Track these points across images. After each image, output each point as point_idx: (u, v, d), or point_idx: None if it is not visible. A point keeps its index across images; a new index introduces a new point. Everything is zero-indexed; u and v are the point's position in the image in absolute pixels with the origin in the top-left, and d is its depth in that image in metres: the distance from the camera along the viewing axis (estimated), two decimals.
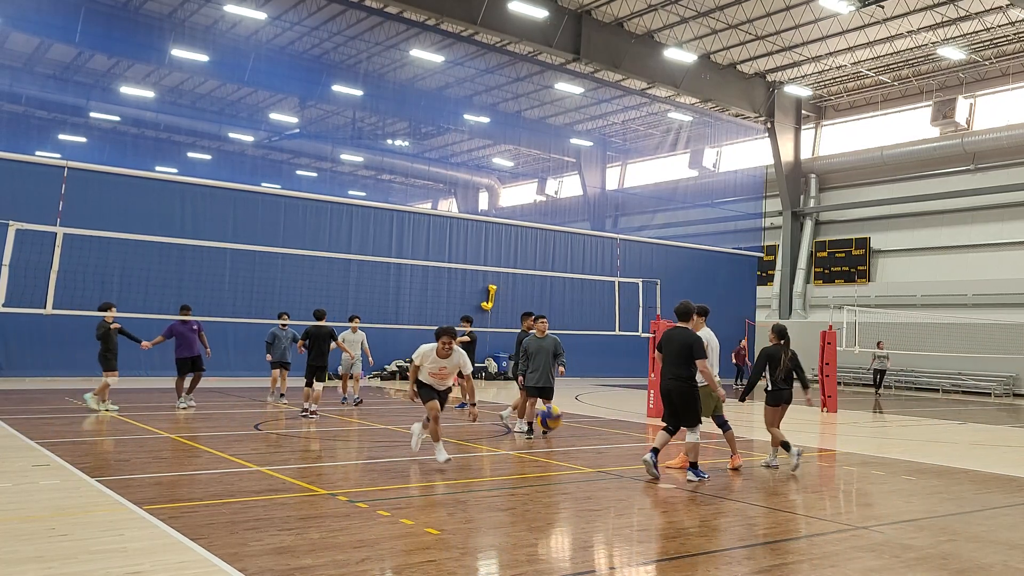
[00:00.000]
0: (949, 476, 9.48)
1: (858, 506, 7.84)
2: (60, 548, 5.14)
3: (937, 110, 29.54)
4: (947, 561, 5.63)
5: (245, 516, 6.18)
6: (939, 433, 14.72)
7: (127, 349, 19.90)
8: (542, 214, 42.20)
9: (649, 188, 39.64)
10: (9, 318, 16.22)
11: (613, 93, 33.94)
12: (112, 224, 16.54)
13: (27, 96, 31.71)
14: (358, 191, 41.29)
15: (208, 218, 20.75)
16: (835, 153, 33.90)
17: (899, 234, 31.39)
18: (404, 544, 5.57)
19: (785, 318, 33.44)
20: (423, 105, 34.86)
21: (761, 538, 6.21)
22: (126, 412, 12.90)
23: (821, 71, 31.21)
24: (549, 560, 5.46)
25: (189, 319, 14.07)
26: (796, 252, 33.97)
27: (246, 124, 37.29)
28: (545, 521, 6.57)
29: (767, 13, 26.48)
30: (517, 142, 40.06)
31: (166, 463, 8.58)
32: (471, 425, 12.58)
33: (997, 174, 28.68)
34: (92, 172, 19.10)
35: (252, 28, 29.27)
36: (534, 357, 11.64)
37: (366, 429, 12.14)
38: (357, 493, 7.34)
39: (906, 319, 26.32)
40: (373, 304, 21.84)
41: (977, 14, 25.16)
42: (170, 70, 32.28)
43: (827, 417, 17.34)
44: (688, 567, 5.36)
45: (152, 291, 18.81)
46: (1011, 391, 26.68)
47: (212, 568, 4.89)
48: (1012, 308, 26.75)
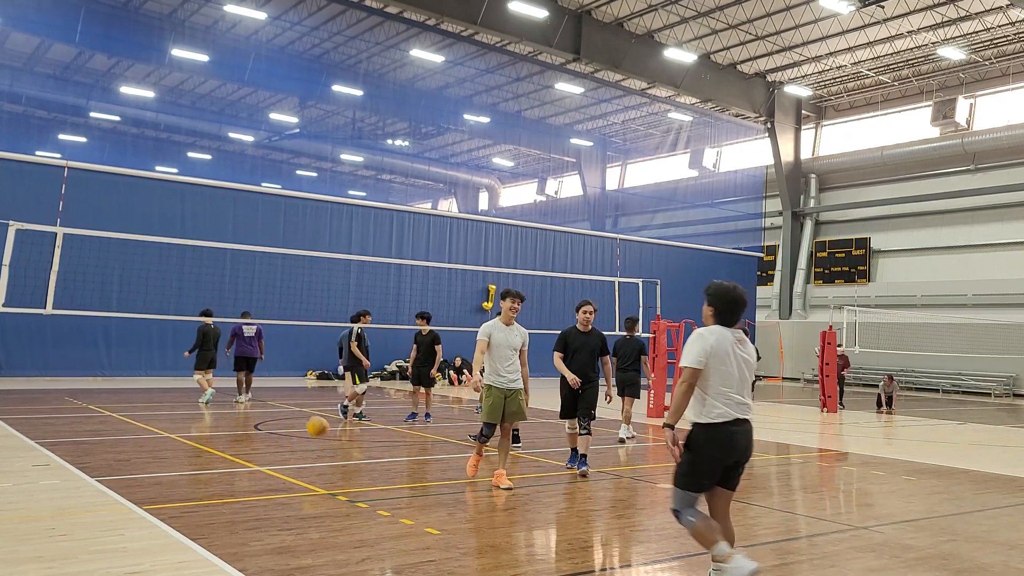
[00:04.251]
0: (949, 476, 9.48)
1: (858, 506, 7.84)
2: (60, 548, 5.14)
3: (937, 110, 29.54)
4: (947, 561, 5.63)
5: (245, 516, 6.18)
6: (939, 433, 14.73)
7: (128, 349, 20.00)
8: (542, 214, 42.18)
9: (649, 188, 39.64)
10: (9, 318, 16.23)
11: (613, 93, 33.94)
12: (112, 224, 16.55)
13: (27, 96, 31.70)
14: (358, 191, 41.29)
15: (208, 218, 20.74)
16: (835, 153, 33.90)
17: (899, 234, 31.39)
18: (404, 544, 5.57)
19: (785, 318, 33.47)
20: (423, 105, 34.86)
21: (761, 538, 6.21)
22: (126, 412, 12.89)
23: (821, 71, 31.21)
24: (549, 560, 5.46)
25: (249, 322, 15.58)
26: (796, 252, 33.96)
27: (246, 124, 37.29)
28: (545, 521, 6.58)
29: (767, 13, 26.48)
30: (517, 142, 40.06)
31: (166, 463, 8.58)
32: (472, 426, 12.55)
33: (997, 174, 28.68)
34: (92, 172, 19.08)
35: (252, 28, 29.27)
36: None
37: (366, 429, 12.13)
38: (357, 493, 7.34)
39: (906, 319, 26.31)
40: (373, 304, 21.78)
41: (977, 14, 25.15)
42: (170, 70, 32.27)
43: (827, 417, 17.34)
44: (688, 567, 5.36)
45: (152, 291, 18.80)
46: (1011, 391, 26.68)
47: (212, 568, 4.89)
48: (1012, 308, 26.75)
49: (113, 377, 19.28)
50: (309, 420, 10.24)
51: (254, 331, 15.70)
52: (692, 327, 16.64)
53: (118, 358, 19.76)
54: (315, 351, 22.40)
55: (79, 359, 19.18)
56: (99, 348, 19.54)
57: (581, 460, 8.68)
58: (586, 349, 8.74)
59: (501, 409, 7.82)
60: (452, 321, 21.76)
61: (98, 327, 19.19)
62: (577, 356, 8.75)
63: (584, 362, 8.70)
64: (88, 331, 19.14)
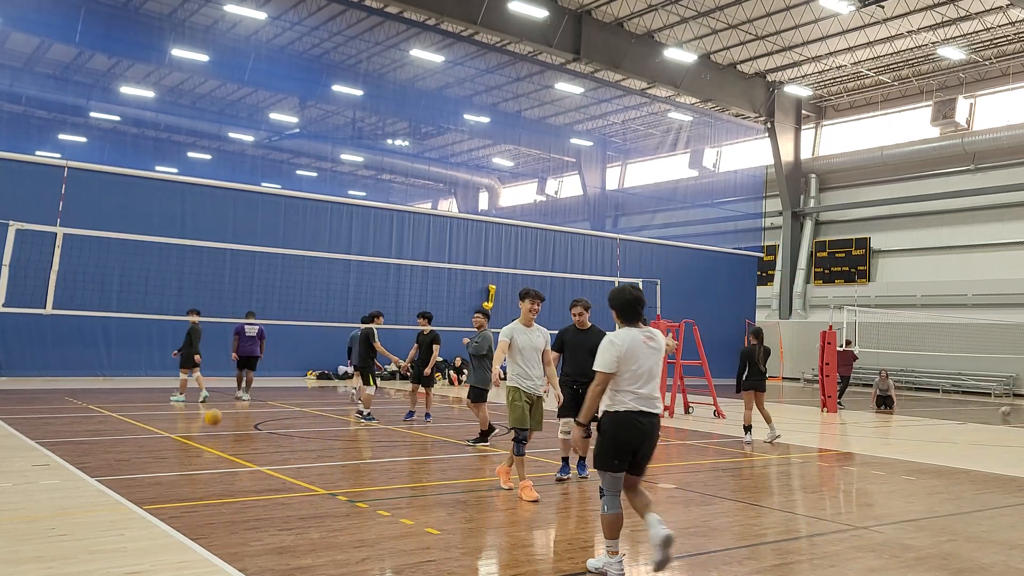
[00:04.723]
0: (949, 476, 9.48)
1: (858, 506, 7.84)
2: (60, 548, 5.14)
3: (937, 110, 29.53)
4: (947, 561, 5.63)
5: (245, 516, 6.19)
6: (939, 433, 14.73)
7: (128, 349, 19.99)
8: (542, 214, 42.17)
9: (649, 188, 39.64)
10: (9, 318, 16.24)
11: (613, 93, 33.94)
12: (112, 224, 16.56)
13: (27, 96, 31.72)
14: (358, 191, 41.31)
15: (208, 218, 20.73)
16: (835, 153, 33.89)
17: (899, 234, 31.39)
18: (404, 544, 5.57)
19: (785, 318, 33.45)
20: (423, 105, 34.86)
21: (761, 538, 6.21)
22: (126, 412, 12.89)
23: (821, 71, 31.21)
24: (549, 560, 5.46)
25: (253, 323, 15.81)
26: (796, 252, 33.96)
27: (246, 124, 37.29)
28: (545, 521, 6.58)
29: (767, 13, 26.48)
30: (517, 142, 40.06)
31: (166, 463, 8.58)
32: (472, 426, 12.55)
33: (997, 174, 28.67)
34: (92, 172, 19.08)
35: (252, 28, 29.28)
36: None
37: (366, 429, 12.13)
38: (357, 493, 7.34)
39: (906, 319, 26.31)
40: (373, 304, 21.82)
41: (977, 14, 25.15)
42: (170, 70, 32.28)
43: (827, 417, 17.34)
44: (688, 567, 5.36)
45: (152, 291, 18.81)
46: (1011, 391, 26.67)
47: (212, 568, 4.89)
48: (1012, 308, 26.74)
49: (113, 377, 19.28)
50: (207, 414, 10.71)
51: (256, 331, 15.78)
52: (692, 327, 16.66)
53: (118, 358, 19.75)
54: (315, 351, 22.41)
55: (79, 359, 19.17)
56: (99, 348, 19.53)
57: (580, 464, 8.53)
58: (584, 348, 8.10)
59: (529, 413, 7.69)
60: (452, 321, 21.73)
61: (98, 327, 19.18)
62: (575, 355, 8.41)
63: (583, 361, 7.96)
64: (88, 331, 19.13)
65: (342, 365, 22.80)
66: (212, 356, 19.30)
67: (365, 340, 13.25)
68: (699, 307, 25.39)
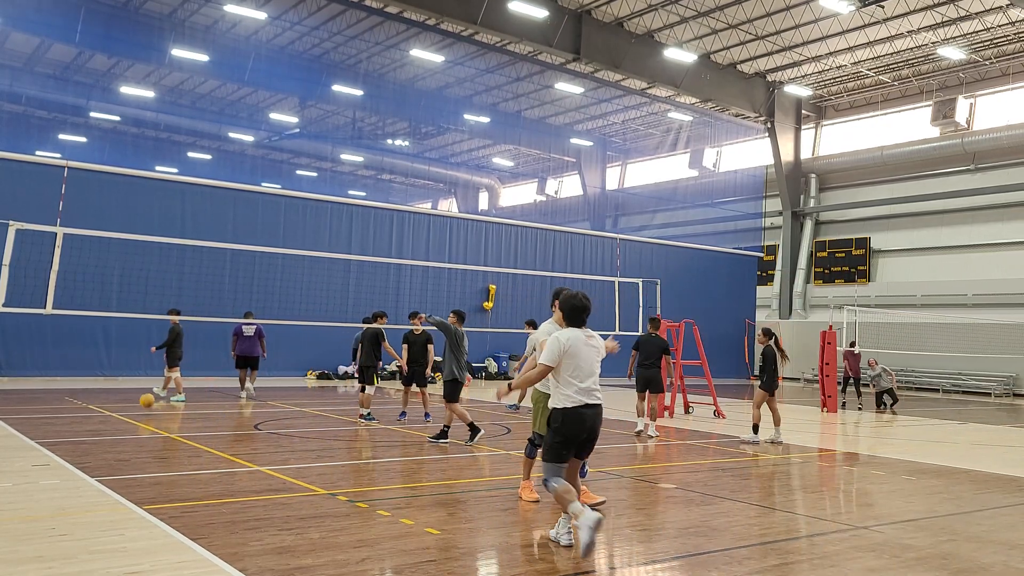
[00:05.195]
0: (949, 476, 9.48)
1: (858, 506, 7.84)
2: (60, 548, 5.14)
3: (937, 110, 29.53)
4: (947, 561, 5.63)
5: (245, 516, 6.19)
6: (939, 433, 14.73)
7: (128, 349, 19.98)
8: (542, 214, 42.17)
9: (649, 188, 39.65)
10: (9, 318, 16.24)
11: (613, 93, 33.94)
12: (112, 224, 16.56)
13: (27, 96, 31.72)
14: (358, 191, 41.31)
15: (208, 218, 20.75)
16: (835, 153, 33.89)
17: (899, 234, 31.39)
18: (404, 544, 5.57)
19: (785, 318, 33.45)
20: (423, 105, 34.86)
21: (761, 538, 6.21)
22: (126, 412, 12.89)
23: (821, 71, 31.21)
24: (549, 560, 5.46)
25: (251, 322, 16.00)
26: (796, 252, 33.96)
27: (246, 124, 37.30)
28: (545, 521, 6.57)
29: (767, 13, 26.48)
30: (517, 142, 40.06)
31: (166, 463, 8.58)
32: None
33: (997, 174, 28.67)
34: (92, 172, 19.10)
35: (252, 28, 29.28)
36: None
37: (366, 429, 12.13)
38: (357, 493, 7.34)
39: (906, 319, 26.31)
40: (373, 304, 21.85)
41: (977, 14, 25.15)
42: (170, 70, 32.28)
43: (827, 417, 17.34)
44: (688, 567, 5.36)
45: (152, 291, 18.82)
46: (1011, 391, 26.68)
47: (212, 568, 4.89)
48: (1012, 308, 26.74)
49: (113, 377, 19.28)
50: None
51: (253, 331, 15.80)
52: (692, 327, 16.64)
53: (118, 358, 19.75)
54: (315, 351, 22.41)
55: (79, 359, 19.18)
56: (99, 348, 19.54)
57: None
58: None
59: None
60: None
61: (98, 327, 19.19)
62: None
63: None
64: (88, 331, 19.14)
65: (342, 365, 22.80)
66: (213, 356, 19.39)
67: (374, 340, 13.27)
68: (699, 307, 25.40)
